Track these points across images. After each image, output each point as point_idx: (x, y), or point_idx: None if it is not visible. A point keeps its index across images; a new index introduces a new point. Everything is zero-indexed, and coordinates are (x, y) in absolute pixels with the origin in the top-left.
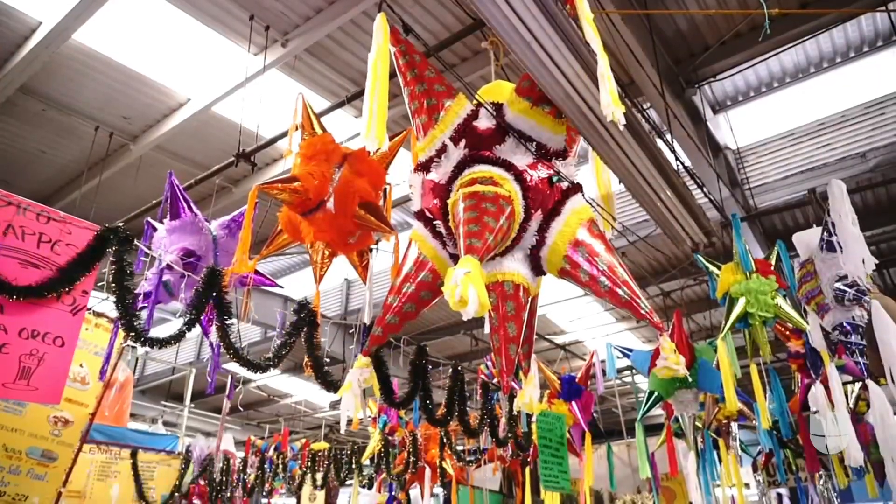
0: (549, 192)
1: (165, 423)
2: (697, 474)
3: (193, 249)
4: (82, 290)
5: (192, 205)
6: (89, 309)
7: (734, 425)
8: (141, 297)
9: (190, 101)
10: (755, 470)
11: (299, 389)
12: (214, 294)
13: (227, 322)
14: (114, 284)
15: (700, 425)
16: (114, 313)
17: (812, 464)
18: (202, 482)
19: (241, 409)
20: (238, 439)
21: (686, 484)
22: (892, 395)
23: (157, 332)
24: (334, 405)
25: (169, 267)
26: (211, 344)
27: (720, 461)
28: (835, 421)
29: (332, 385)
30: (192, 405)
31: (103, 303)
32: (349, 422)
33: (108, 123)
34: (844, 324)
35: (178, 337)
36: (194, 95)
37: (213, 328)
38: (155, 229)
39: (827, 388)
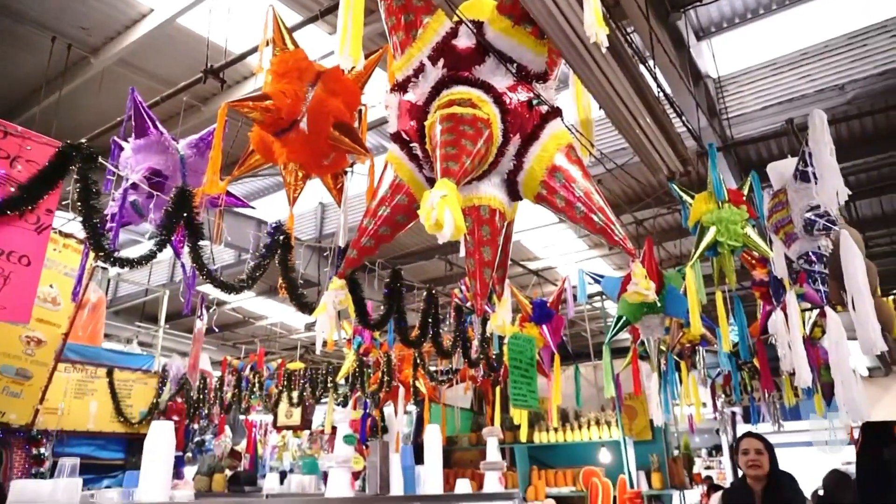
0: (529, 115)
1: (141, 344)
2: (659, 394)
3: (160, 169)
4: (46, 209)
5: (157, 123)
6: (55, 229)
7: (701, 350)
8: (109, 218)
9: (153, 11)
10: (714, 391)
11: (274, 311)
12: (185, 215)
13: (199, 243)
14: (79, 204)
15: (664, 349)
16: (82, 234)
17: (766, 384)
18: (179, 399)
19: (217, 329)
20: (214, 359)
21: (647, 403)
22: (849, 322)
23: (128, 253)
24: (309, 327)
25: (135, 186)
26: (183, 265)
27: (681, 382)
28: (789, 346)
29: (307, 307)
30: (167, 326)
31: (71, 223)
32: (324, 343)
33: (66, 34)
34: (810, 253)
35: (148, 257)
36: (157, 5)
37: (185, 250)
38: (122, 148)
39: (786, 315)
